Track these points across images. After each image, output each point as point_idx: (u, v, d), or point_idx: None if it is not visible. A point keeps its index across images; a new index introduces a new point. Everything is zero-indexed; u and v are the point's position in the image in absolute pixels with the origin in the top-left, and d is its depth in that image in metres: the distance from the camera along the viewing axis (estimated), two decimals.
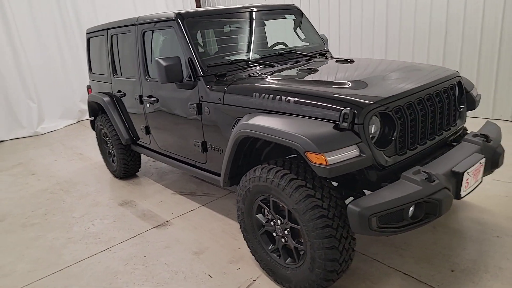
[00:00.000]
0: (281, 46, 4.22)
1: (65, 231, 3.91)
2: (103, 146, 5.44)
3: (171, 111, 3.81)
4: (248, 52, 3.81)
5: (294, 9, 4.41)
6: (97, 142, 5.51)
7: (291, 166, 2.49)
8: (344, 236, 2.34)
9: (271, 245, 2.80)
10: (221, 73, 3.36)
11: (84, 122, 9.05)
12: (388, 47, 7.21)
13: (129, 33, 4.24)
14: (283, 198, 2.44)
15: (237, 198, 2.88)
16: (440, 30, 6.48)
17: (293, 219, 2.51)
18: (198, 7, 11.09)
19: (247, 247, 2.96)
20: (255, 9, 4.00)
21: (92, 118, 5.47)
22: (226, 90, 3.14)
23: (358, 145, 2.25)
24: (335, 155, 2.17)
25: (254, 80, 3.14)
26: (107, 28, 4.69)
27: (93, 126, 5.52)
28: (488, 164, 2.75)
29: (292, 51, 3.99)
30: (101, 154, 5.54)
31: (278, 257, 2.75)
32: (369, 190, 2.49)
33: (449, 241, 3.09)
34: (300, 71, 3.36)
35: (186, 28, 3.43)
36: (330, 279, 2.42)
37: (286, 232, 2.61)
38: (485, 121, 3.23)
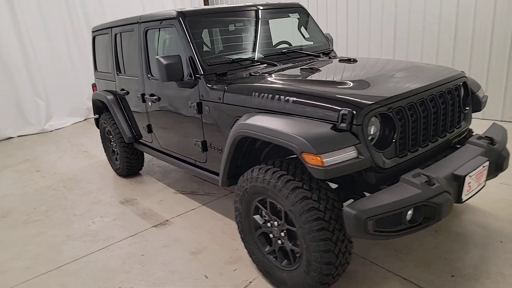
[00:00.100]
0: (285, 45, 4.17)
1: (65, 228, 3.92)
2: (107, 144, 5.45)
3: (172, 110, 3.79)
4: (250, 51, 3.77)
5: (298, 8, 4.35)
6: (101, 140, 5.53)
7: (289, 167, 2.44)
8: (340, 239, 2.29)
9: (268, 246, 2.76)
10: (222, 72, 3.32)
11: (91, 120, 9.06)
12: (396, 47, 7.11)
13: (132, 32, 4.24)
14: (280, 199, 2.40)
15: (235, 199, 2.84)
16: (449, 30, 6.36)
17: (290, 221, 2.46)
18: (206, 5, 11.08)
19: (245, 248, 2.92)
20: (258, 8, 3.96)
21: (97, 116, 5.49)
22: (226, 89, 3.10)
23: (356, 147, 2.19)
24: (331, 157, 2.12)
25: (254, 79, 3.10)
26: (112, 27, 4.69)
27: (97, 124, 5.53)
28: (492, 168, 2.67)
29: (296, 50, 3.93)
30: (105, 152, 5.55)
31: (274, 259, 2.71)
32: (368, 192, 2.44)
33: (451, 245, 3.01)
34: (302, 70, 3.31)
35: (188, 27, 3.41)
36: (325, 282, 2.37)
37: (282, 234, 2.57)
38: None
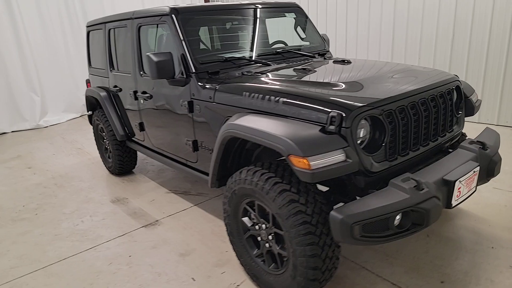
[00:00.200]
0: (281, 45, 4.12)
1: (53, 227, 3.86)
2: (100, 141, 5.39)
3: (164, 108, 3.74)
4: (244, 50, 3.73)
5: (294, 7, 4.31)
6: (94, 137, 5.47)
7: (277, 169, 2.40)
8: (327, 243, 2.24)
9: (256, 249, 2.71)
10: (214, 71, 3.28)
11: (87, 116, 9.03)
12: (394, 51, 7.07)
13: (125, 27, 4.18)
14: (267, 202, 2.35)
15: (223, 200, 2.80)
16: (447, 34, 6.32)
17: (277, 224, 2.42)
18: (207, 2, 11.02)
19: (233, 250, 2.88)
20: (254, 6, 3.91)
21: (90, 112, 5.43)
22: (217, 88, 3.06)
23: (344, 150, 2.15)
24: (319, 160, 2.07)
25: (245, 79, 3.06)
26: (106, 22, 4.63)
27: (90, 120, 5.48)
28: (483, 173, 2.64)
29: (290, 50, 3.89)
30: (98, 149, 5.50)
31: (262, 262, 2.67)
32: (359, 196, 2.40)
33: (441, 250, 2.98)
34: (295, 71, 3.27)
35: (180, 23, 3.36)
36: None
37: (270, 237, 2.52)
38: (490, 127, 3.11)
